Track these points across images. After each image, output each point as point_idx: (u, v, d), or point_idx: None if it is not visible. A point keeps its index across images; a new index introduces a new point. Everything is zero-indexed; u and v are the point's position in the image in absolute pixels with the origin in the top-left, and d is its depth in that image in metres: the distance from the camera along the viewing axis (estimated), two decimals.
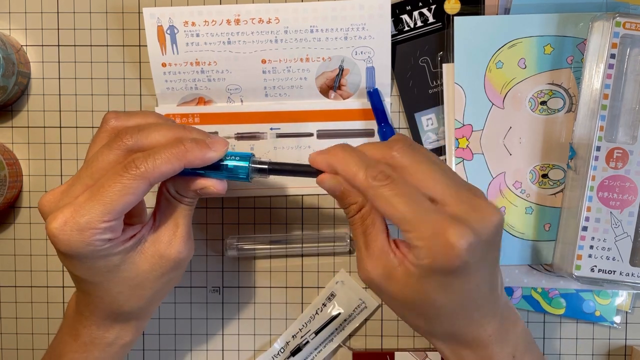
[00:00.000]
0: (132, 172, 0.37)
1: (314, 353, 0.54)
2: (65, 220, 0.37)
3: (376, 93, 0.52)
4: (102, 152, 0.39)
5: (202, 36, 0.51)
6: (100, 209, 0.36)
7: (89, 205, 0.37)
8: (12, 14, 0.53)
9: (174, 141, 0.38)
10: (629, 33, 0.47)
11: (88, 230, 0.37)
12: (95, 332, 0.43)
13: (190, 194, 0.41)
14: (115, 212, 0.37)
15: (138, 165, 0.37)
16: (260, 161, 0.41)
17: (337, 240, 0.53)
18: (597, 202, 0.48)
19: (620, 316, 0.53)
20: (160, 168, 0.37)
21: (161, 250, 0.41)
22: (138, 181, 0.37)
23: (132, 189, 0.37)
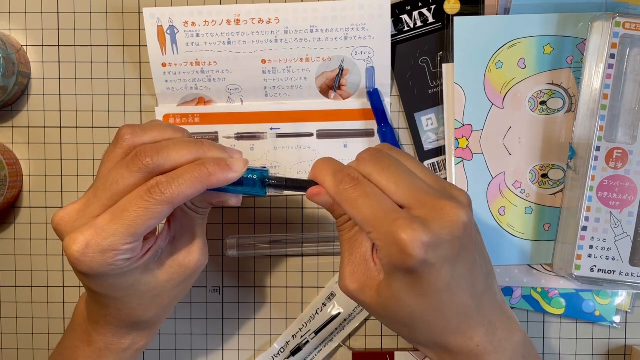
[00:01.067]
0: (157, 198, 0.36)
1: (314, 353, 0.54)
2: (86, 242, 0.36)
3: (376, 93, 0.52)
4: (122, 174, 0.38)
5: (202, 36, 0.51)
6: (123, 232, 0.36)
7: (112, 228, 0.36)
8: (12, 14, 0.53)
9: (195, 164, 0.38)
10: (628, 33, 0.47)
11: (110, 252, 0.37)
12: (111, 339, 0.43)
13: (205, 205, 0.42)
14: (138, 234, 0.37)
15: (163, 190, 0.37)
16: (277, 177, 0.42)
17: (337, 240, 0.53)
18: (597, 202, 0.48)
19: (620, 316, 0.53)
20: (185, 193, 0.37)
21: (180, 260, 0.42)
22: (163, 206, 0.37)
23: (157, 213, 0.37)
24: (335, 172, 0.38)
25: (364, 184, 0.37)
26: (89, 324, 0.43)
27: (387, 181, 0.37)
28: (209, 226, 0.54)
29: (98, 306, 0.42)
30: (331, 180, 0.38)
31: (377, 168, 0.37)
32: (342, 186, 0.37)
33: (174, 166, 0.38)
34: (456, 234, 0.35)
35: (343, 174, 0.37)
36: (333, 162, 0.39)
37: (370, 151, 0.39)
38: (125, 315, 0.42)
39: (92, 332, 0.43)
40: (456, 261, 0.36)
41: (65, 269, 0.55)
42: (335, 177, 0.38)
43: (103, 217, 0.37)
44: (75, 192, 0.54)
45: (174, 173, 0.38)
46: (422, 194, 0.36)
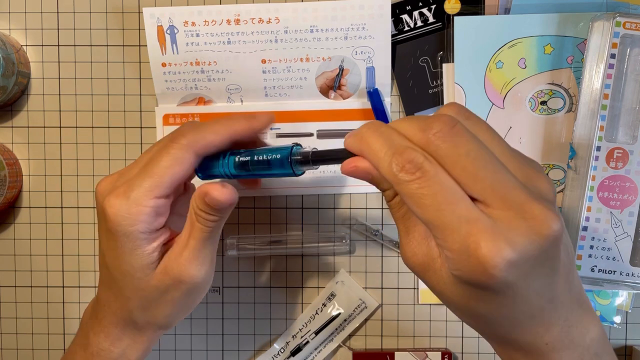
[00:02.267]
0: (178, 143, 0.38)
1: (314, 353, 0.54)
2: (118, 194, 0.38)
3: (376, 93, 0.52)
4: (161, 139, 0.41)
5: (202, 36, 0.51)
6: (149, 181, 0.38)
7: (139, 180, 0.38)
8: (12, 14, 0.53)
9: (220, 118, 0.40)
10: (629, 33, 0.47)
11: (136, 206, 0.38)
12: (103, 342, 0.42)
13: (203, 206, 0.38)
14: (163, 185, 0.38)
15: (185, 134, 0.38)
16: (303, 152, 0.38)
17: (337, 240, 0.53)
18: (597, 202, 0.48)
19: (620, 316, 0.53)
20: (206, 137, 0.38)
21: (167, 263, 0.40)
22: (183, 151, 0.38)
23: (179, 159, 0.38)
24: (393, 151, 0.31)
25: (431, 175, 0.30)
26: (89, 322, 0.43)
27: (463, 171, 0.30)
28: None
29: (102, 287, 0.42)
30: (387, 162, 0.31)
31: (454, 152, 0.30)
32: (403, 175, 0.30)
33: None
34: (545, 247, 0.30)
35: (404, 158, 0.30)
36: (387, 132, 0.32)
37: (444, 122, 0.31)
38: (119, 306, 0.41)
39: (89, 334, 0.43)
40: (539, 273, 0.31)
41: (65, 269, 0.55)
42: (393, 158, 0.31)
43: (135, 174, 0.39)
44: (75, 192, 0.54)
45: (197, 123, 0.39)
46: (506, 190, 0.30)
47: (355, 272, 0.54)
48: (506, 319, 0.33)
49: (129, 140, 0.54)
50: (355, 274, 0.54)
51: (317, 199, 0.54)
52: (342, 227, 0.54)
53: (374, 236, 0.53)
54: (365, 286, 0.54)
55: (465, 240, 0.29)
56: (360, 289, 0.54)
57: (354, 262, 0.54)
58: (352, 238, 0.54)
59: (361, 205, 0.54)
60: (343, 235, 0.53)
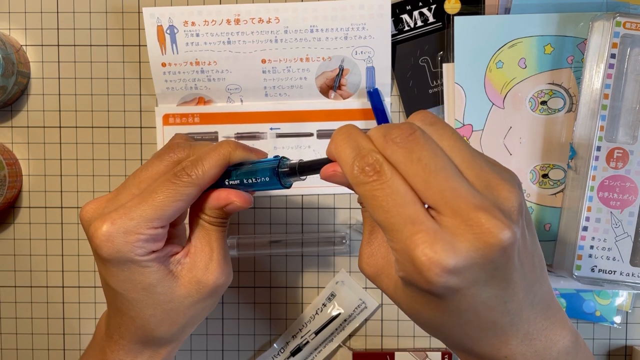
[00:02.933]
0: (184, 180, 0.38)
1: (314, 353, 0.54)
2: (112, 221, 0.37)
3: (376, 93, 0.52)
4: (152, 163, 0.40)
5: (202, 36, 0.51)
6: (151, 211, 0.37)
7: (139, 208, 0.37)
8: (12, 14, 0.53)
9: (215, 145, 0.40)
10: (629, 33, 0.47)
11: (133, 234, 0.37)
12: (123, 357, 0.42)
13: (216, 212, 0.40)
14: (165, 217, 0.37)
15: (189, 172, 0.38)
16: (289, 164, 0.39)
17: (337, 240, 0.53)
18: (598, 202, 0.48)
19: (620, 316, 0.53)
20: (209, 172, 0.38)
21: (198, 276, 0.40)
22: (190, 188, 0.38)
23: (185, 195, 0.38)
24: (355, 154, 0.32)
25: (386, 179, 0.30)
26: (105, 341, 0.42)
27: (415, 176, 0.30)
28: None
29: (115, 312, 0.41)
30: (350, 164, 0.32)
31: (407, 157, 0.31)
32: (362, 177, 0.31)
33: None
34: (491, 257, 0.29)
35: (364, 161, 0.31)
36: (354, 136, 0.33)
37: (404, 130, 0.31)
38: (139, 327, 0.41)
39: (106, 350, 0.42)
40: (487, 283, 0.30)
41: (65, 269, 0.55)
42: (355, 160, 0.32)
43: (132, 201, 0.38)
44: (75, 192, 0.54)
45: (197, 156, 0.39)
46: (455, 198, 0.30)
47: (355, 272, 0.54)
48: (455, 327, 0.32)
49: (128, 140, 0.54)
50: (355, 274, 0.54)
51: (317, 199, 0.54)
52: (342, 227, 0.54)
53: None
54: (365, 286, 0.54)
55: (406, 241, 0.29)
56: (360, 289, 0.54)
57: (354, 262, 0.54)
58: (352, 238, 0.54)
59: None
60: (343, 235, 0.53)
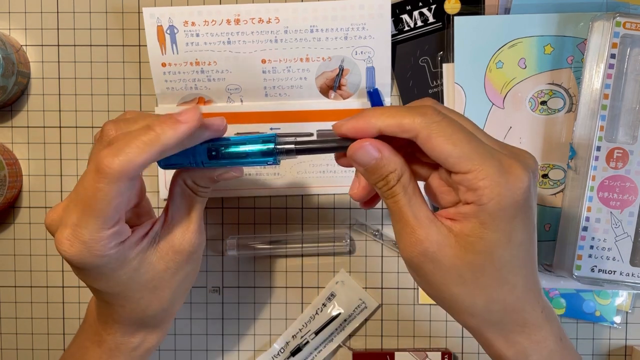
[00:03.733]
0: (107, 176, 0.33)
1: (314, 353, 0.54)
2: (69, 241, 0.35)
3: (376, 93, 0.52)
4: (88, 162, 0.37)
5: (202, 36, 0.51)
6: (94, 222, 0.35)
7: (83, 221, 0.35)
8: (12, 14, 0.53)
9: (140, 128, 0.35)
10: (629, 33, 0.47)
11: (95, 244, 0.35)
12: (120, 338, 0.43)
13: (206, 181, 0.40)
14: (110, 218, 0.35)
15: (110, 165, 0.33)
16: (286, 142, 0.38)
17: (337, 240, 0.53)
18: (597, 202, 0.48)
19: (620, 316, 0.53)
20: (135, 161, 0.33)
21: (175, 245, 0.40)
22: (117, 183, 0.34)
23: (115, 192, 0.34)
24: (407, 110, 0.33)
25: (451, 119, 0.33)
26: (99, 324, 0.43)
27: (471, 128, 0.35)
28: (209, 226, 0.54)
29: (102, 304, 0.41)
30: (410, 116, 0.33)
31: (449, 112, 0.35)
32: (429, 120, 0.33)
33: None
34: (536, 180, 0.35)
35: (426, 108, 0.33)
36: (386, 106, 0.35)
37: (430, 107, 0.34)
38: (130, 311, 0.41)
39: (102, 333, 0.43)
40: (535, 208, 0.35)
41: (65, 269, 0.54)
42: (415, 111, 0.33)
43: (74, 212, 0.36)
44: None
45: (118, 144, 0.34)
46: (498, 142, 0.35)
47: (355, 272, 0.54)
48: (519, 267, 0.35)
49: None
50: (355, 274, 0.54)
51: (317, 199, 0.54)
52: (342, 227, 0.54)
53: (374, 236, 0.53)
54: (365, 286, 0.54)
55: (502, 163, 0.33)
56: (360, 289, 0.54)
57: (354, 262, 0.54)
58: (352, 238, 0.54)
59: None
60: (343, 235, 0.53)
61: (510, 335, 0.37)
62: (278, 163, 0.39)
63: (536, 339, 0.37)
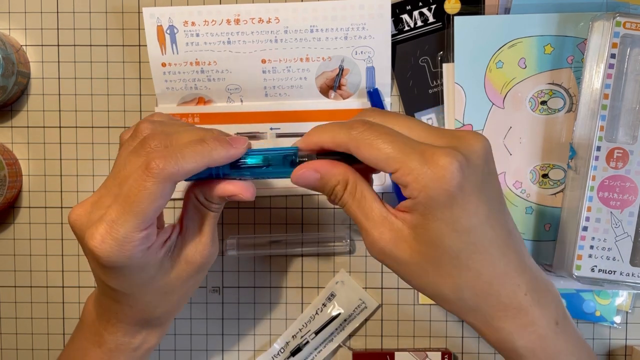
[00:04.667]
0: (155, 175, 0.35)
1: (314, 353, 0.54)
2: (102, 237, 0.36)
3: (376, 93, 0.52)
4: (129, 160, 0.38)
5: (202, 36, 0.51)
6: (133, 220, 0.36)
7: (122, 219, 0.36)
8: (12, 14, 0.53)
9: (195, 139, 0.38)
10: (629, 33, 0.47)
11: (127, 244, 0.36)
12: (122, 338, 0.43)
13: (218, 200, 0.40)
14: (147, 218, 0.36)
15: (159, 165, 0.35)
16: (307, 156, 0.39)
17: (337, 240, 0.53)
18: (598, 202, 0.48)
19: (620, 316, 0.53)
20: (185, 167, 0.36)
21: (188, 257, 0.41)
22: (163, 184, 0.36)
23: (159, 193, 0.36)
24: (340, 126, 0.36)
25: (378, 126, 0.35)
26: (99, 324, 0.43)
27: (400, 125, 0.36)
28: None
29: (110, 302, 0.41)
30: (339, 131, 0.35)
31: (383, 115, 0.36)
32: (354, 131, 0.35)
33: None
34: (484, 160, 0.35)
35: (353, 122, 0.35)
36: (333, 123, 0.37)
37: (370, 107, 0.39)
38: (137, 312, 0.41)
39: (102, 333, 0.43)
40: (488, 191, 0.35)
41: (65, 269, 0.55)
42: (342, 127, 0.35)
43: (112, 208, 0.36)
44: (75, 192, 0.54)
45: (172, 149, 0.36)
46: (439, 130, 0.36)
47: (355, 272, 0.54)
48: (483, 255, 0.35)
49: None
50: (355, 274, 0.54)
51: (317, 199, 0.54)
52: (342, 227, 0.54)
53: None
54: (365, 286, 0.54)
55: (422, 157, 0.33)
56: (360, 289, 0.54)
57: (354, 262, 0.54)
58: (352, 238, 0.54)
59: None
60: (343, 235, 0.53)
61: (493, 321, 0.36)
62: None
63: (522, 323, 0.36)
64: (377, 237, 0.36)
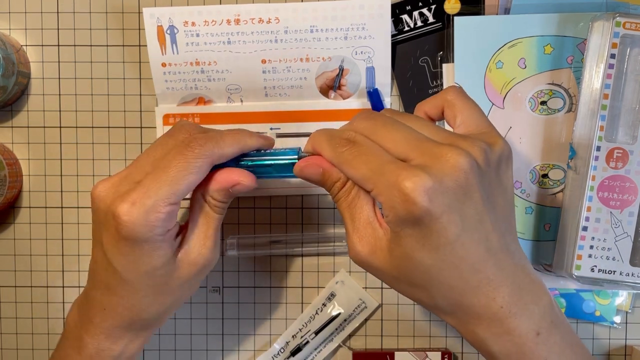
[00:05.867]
0: (196, 150, 0.38)
1: (314, 353, 0.54)
2: (133, 201, 0.37)
3: (376, 93, 0.52)
4: (166, 141, 0.40)
5: (202, 36, 0.51)
6: (167, 189, 0.37)
7: (155, 185, 0.37)
8: (12, 14, 0.53)
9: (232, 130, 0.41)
10: (629, 33, 0.47)
11: (154, 213, 0.37)
12: (103, 342, 0.42)
13: (222, 194, 0.41)
14: (180, 191, 0.38)
15: (201, 143, 0.38)
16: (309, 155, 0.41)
17: (337, 240, 0.53)
18: (597, 202, 0.48)
19: (620, 316, 0.53)
20: (224, 148, 0.39)
21: (191, 258, 0.41)
22: (201, 159, 0.38)
23: (196, 167, 0.38)
24: (330, 138, 0.38)
25: (359, 143, 0.36)
26: (82, 327, 0.42)
27: (383, 138, 0.36)
28: None
29: (100, 295, 0.41)
30: (327, 147, 0.38)
31: (371, 125, 0.37)
32: (339, 150, 0.37)
33: None
34: (459, 181, 0.34)
35: (338, 138, 0.37)
36: (328, 129, 0.39)
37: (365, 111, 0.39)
38: (126, 308, 0.41)
39: (84, 336, 0.42)
40: (463, 210, 0.34)
41: (65, 269, 0.55)
42: (330, 142, 0.37)
43: (147, 177, 0.38)
44: (75, 192, 0.54)
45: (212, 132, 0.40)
46: (420, 143, 0.35)
47: (355, 272, 0.54)
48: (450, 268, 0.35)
49: (129, 140, 0.54)
50: (355, 274, 0.54)
51: (317, 199, 0.54)
52: (342, 227, 0.54)
53: None
54: (365, 286, 0.54)
55: (391, 179, 0.34)
56: (360, 289, 0.54)
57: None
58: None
59: None
60: (343, 235, 0.53)
61: (468, 325, 0.37)
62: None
63: (496, 332, 0.36)
64: (355, 241, 0.38)
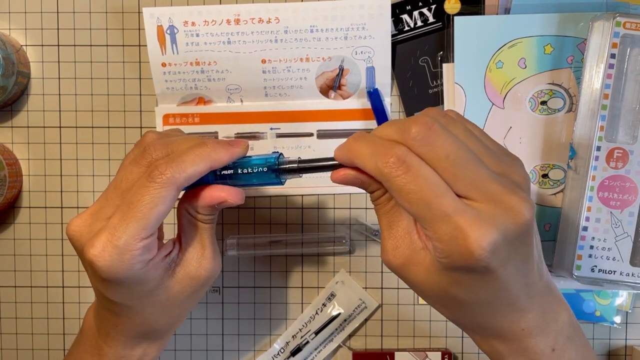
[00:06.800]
0: (157, 180, 0.36)
1: (314, 353, 0.54)
2: (102, 245, 0.36)
3: (376, 93, 0.52)
4: (130, 170, 0.38)
5: (202, 36, 0.51)
6: (135, 226, 0.35)
7: (123, 225, 0.36)
8: (12, 14, 0.53)
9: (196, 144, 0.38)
10: (629, 33, 0.47)
11: (127, 252, 0.36)
12: (122, 351, 0.42)
13: (208, 210, 0.40)
14: (150, 226, 0.36)
15: (162, 171, 0.36)
16: (289, 161, 0.39)
17: (337, 240, 0.53)
18: (597, 202, 0.48)
19: (620, 316, 0.53)
20: (187, 170, 0.36)
21: (192, 272, 0.40)
22: (166, 189, 0.36)
23: (161, 197, 0.36)
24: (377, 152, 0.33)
25: (415, 169, 0.32)
26: (99, 337, 0.42)
27: (444, 171, 0.32)
28: None
29: (110, 314, 0.41)
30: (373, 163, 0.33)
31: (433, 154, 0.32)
32: (389, 171, 0.32)
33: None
34: (519, 233, 0.33)
35: (387, 155, 0.32)
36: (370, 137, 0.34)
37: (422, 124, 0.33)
38: (138, 324, 0.41)
39: (102, 345, 0.42)
40: (515, 258, 0.34)
41: (65, 269, 0.55)
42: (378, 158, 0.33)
43: (114, 216, 0.36)
44: (75, 192, 0.54)
45: (173, 154, 0.37)
46: (486, 186, 0.32)
47: (355, 272, 0.54)
48: (485, 304, 0.35)
49: (129, 140, 0.54)
50: (355, 274, 0.54)
51: (317, 199, 0.54)
52: (342, 227, 0.54)
53: (374, 236, 0.53)
54: (365, 286, 0.54)
55: (455, 231, 0.31)
56: (360, 289, 0.54)
57: (354, 262, 0.54)
58: (352, 238, 0.54)
59: (361, 205, 0.54)
60: (343, 235, 0.53)
61: (487, 339, 0.38)
62: (283, 183, 0.40)
63: (513, 348, 0.37)
64: (389, 248, 0.36)
